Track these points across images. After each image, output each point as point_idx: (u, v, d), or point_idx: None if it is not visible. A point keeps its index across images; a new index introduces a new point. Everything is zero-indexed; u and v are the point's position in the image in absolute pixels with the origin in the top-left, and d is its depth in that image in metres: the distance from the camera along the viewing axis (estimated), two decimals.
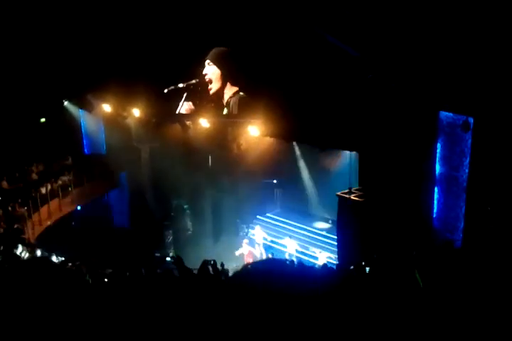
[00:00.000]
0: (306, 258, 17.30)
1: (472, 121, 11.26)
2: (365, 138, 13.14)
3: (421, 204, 12.61)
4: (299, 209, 20.09)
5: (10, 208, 16.60)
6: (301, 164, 19.55)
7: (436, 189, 12.49)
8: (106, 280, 8.15)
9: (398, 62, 11.60)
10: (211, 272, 9.48)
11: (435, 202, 12.57)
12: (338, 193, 14.55)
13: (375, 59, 11.41)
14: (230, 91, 16.46)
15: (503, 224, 10.77)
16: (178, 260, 7.73)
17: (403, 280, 6.58)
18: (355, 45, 10.93)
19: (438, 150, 12.27)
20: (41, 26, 16.45)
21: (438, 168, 12.36)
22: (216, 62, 16.39)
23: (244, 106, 16.09)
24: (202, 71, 16.53)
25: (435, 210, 12.59)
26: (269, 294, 3.42)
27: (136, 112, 18.44)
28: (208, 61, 16.42)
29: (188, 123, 18.27)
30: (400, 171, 12.51)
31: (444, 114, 11.94)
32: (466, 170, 11.74)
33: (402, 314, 4.89)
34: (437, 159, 12.32)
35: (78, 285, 6.49)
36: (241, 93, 16.16)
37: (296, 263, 10.76)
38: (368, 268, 8.89)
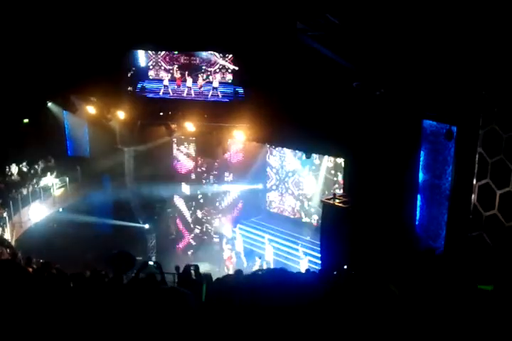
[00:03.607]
0: (288, 262, 17.35)
1: (455, 129, 11.38)
2: (351, 145, 13.22)
3: (404, 211, 12.71)
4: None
5: None
6: None
7: (419, 196, 12.60)
8: (86, 283, 8.05)
9: (383, 71, 11.71)
10: (193, 277, 9.45)
11: (418, 209, 12.67)
12: (323, 199, 14.61)
13: (361, 68, 11.50)
14: None
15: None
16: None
17: (384, 287, 6.62)
18: (343, 54, 11.00)
19: (421, 158, 12.39)
20: (24, 27, 16.27)
21: (421, 176, 12.47)
22: None
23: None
24: None
25: (418, 217, 12.70)
26: (251, 305, 3.41)
27: (121, 114, 18.33)
28: None
29: (173, 126, 18.22)
30: (383, 178, 12.59)
31: (428, 123, 12.07)
32: (449, 179, 11.86)
33: (383, 321, 4.91)
34: (420, 167, 12.44)
35: (59, 288, 6.40)
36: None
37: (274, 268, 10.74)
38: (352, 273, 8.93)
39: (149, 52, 18.70)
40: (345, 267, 11.82)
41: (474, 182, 10.93)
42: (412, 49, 10.94)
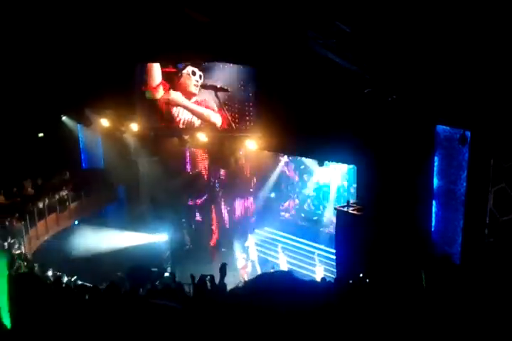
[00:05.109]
0: (303, 271, 17.27)
1: (469, 134, 11.30)
2: (363, 152, 13.17)
3: (419, 217, 12.60)
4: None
5: (7, 222, 16.53)
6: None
7: (434, 202, 12.49)
8: (103, 296, 8.07)
9: (395, 77, 11.69)
10: (209, 287, 9.43)
11: (433, 215, 12.55)
12: (336, 206, 14.56)
13: (372, 74, 11.50)
14: None
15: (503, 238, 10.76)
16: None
17: (402, 292, 6.56)
18: (354, 61, 11.01)
19: (436, 164, 12.29)
20: (39, 41, 16.52)
21: (436, 182, 12.37)
22: None
23: None
24: None
25: (433, 223, 12.57)
26: (265, 310, 3.40)
27: (134, 126, 18.50)
28: None
29: (186, 137, 18.33)
30: (398, 185, 12.52)
31: (442, 128, 11.99)
32: (464, 184, 11.75)
33: (402, 327, 4.86)
34: (435, 172, 12.34)
35: (76, 300, 6.45)
36: None
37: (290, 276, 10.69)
38: (367, 281, 8.87)
39: None
40: (361, 275, 11.74)
41: (490, 187, 10.83)
42: (423, 54, 10.91)
